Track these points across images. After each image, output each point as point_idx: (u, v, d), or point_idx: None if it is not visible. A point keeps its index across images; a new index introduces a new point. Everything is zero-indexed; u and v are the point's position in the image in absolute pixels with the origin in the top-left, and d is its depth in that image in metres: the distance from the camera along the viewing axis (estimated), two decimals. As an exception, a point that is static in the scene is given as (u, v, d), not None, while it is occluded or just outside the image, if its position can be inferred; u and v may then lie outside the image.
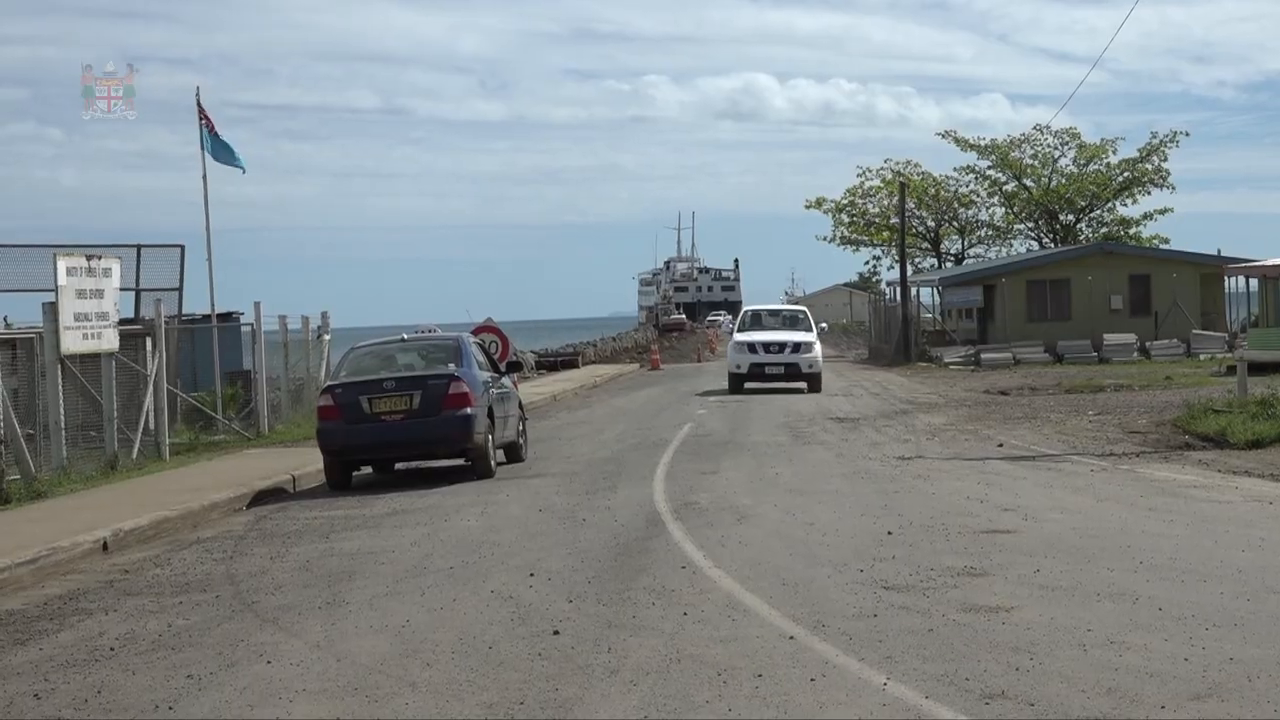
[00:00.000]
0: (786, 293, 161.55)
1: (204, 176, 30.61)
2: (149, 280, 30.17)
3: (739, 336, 39.10)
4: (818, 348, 38.08)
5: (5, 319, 27.32)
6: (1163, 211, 75.72)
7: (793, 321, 40.40)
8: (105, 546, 14.39)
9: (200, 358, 30.24)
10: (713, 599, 10.11)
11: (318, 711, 7.67)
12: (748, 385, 37.49)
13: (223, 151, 31.13)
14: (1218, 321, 53.75)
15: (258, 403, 28.42)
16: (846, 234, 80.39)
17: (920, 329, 60.23)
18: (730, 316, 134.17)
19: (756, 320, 40.72)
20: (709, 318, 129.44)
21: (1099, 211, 76.29)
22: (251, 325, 29.68)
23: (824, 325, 40.36)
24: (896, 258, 64.30)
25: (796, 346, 37.34)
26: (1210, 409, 22.37)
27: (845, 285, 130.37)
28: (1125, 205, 75.93)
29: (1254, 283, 44.28)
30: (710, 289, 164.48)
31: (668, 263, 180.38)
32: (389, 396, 19.16)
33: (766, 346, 37.45)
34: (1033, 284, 54.36)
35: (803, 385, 37.10)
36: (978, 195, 78.80)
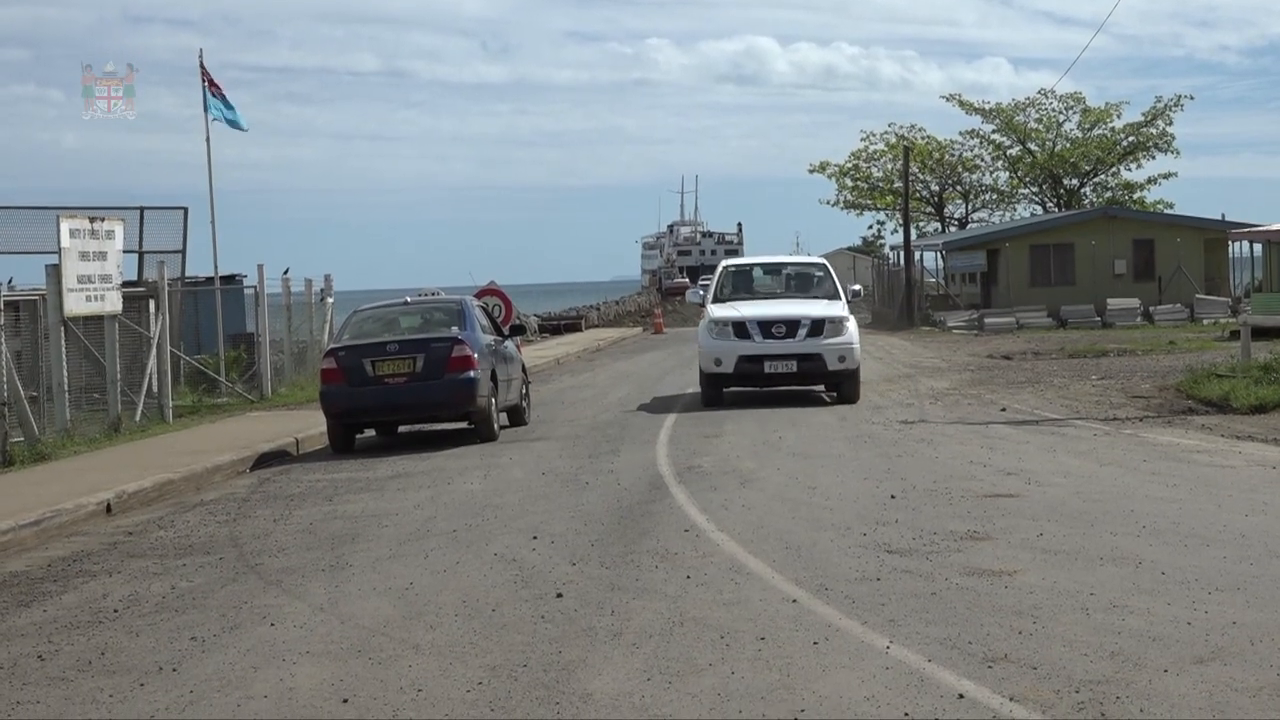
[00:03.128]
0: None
1: (207, 139, 30.53)
2: (152, 242, 30.11)
3: (716, 311, 23.55)
4: (853, 327, 23.12)
5: (9, 281, 27.29)
6: (1167, 176, 75.58)
7: (803, 282, 25.56)
8: (109, 508, 14.41)
9: (203, 320, 30.26)
10: (716, 562, 10.12)
11: (321, 673, 7.69)
12: (733, 390, 23.67)
13: (225, 111, 30.97)
14: (1221, 286, 53.69)
15: (261, 365, 28.45)
16: (850, 198, 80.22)
17: (924, 293, 60.22)
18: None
19: (743, 281, 25.59)
20: (701, 281, 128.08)
21: (1103, 176, 76.12)
22: (254, 288, 29.67)
23: (857, 289, 28.51)
24: (900, 222, 64.27)
25: (817, 325, 22.69)
26: (1213, 374, 22.35)
27: (849, 249, 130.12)
28: (1129, 170, 75.82)
29: (1258, 248, 44.21)
30: (714, 252, 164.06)
31: (671, 226, 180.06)
32: (392, 359, 19.17)
33: (765, 327, 22.76)
34: (1036, 248, 54.28)
35: (823, 389, 23.94)
36: (982, 159, 78.63)
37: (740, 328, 22.79)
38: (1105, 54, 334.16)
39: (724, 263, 26.88)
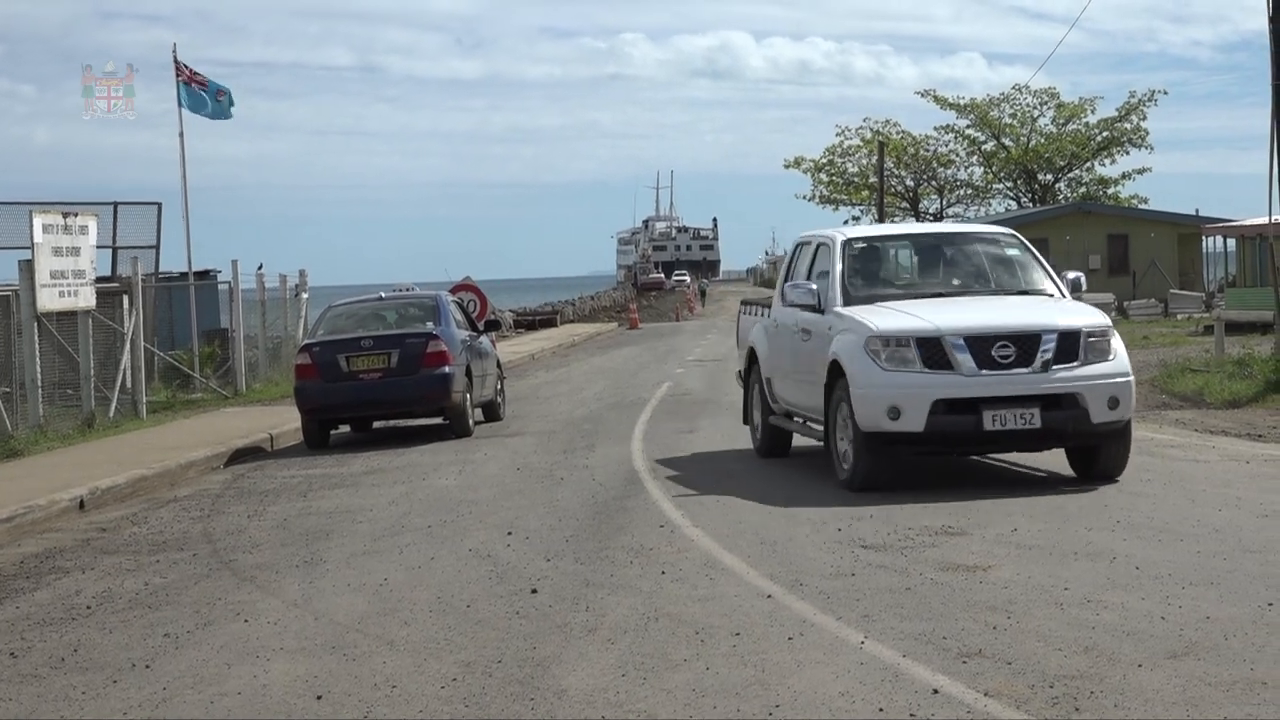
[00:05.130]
0: (767, 252, 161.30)
1: (180, 134, 30.41)
2: (126, 238, 30.02)
3: (875, 319, 12.84)
4: (1120, 346, 12.83)
5: (-19, 276, 27.14)
6: (1141, 171, 75.67)
7: (986, 266, 14.52)
8: (82, 505, 14.35)
9: (177, 316, 30.19)
10: (691, 558, 10.11)
11: (295, 670, 7.67)
12: (908, 454, 13.02)
13: (212, 103, 30.71)
14: (1195, 281, 53.86)
15: (235, 361, 28.37)
16: (825, 193, 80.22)
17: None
18: (690, 277, 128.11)
19: (880, 267, 14.72)
20: (675, 275, 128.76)
21: (1077, 171, 76.25)
22: (229, 283, 29.57)
23: (1077, 277, 13.93)
24: (875, 217, 64.25)
25: (1069, 343, 12.42)
26: (1188, 369, 22.42)
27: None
28: (1104, 165, 75.94)
29: (1231, 243, 44.39)
30: (689, 248, 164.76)
31: (646, 222, 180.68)
32: (367, 355, 19.13)
33: (981, 347, 12.31)
34: (1011, 243, 54.31)
35: (1056, 456, 13.66)
36: (956, 154, 78.64)
37: (933, 349, 12.45)
38: (1079, 49, 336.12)
39: (839, 235, 14.61)
